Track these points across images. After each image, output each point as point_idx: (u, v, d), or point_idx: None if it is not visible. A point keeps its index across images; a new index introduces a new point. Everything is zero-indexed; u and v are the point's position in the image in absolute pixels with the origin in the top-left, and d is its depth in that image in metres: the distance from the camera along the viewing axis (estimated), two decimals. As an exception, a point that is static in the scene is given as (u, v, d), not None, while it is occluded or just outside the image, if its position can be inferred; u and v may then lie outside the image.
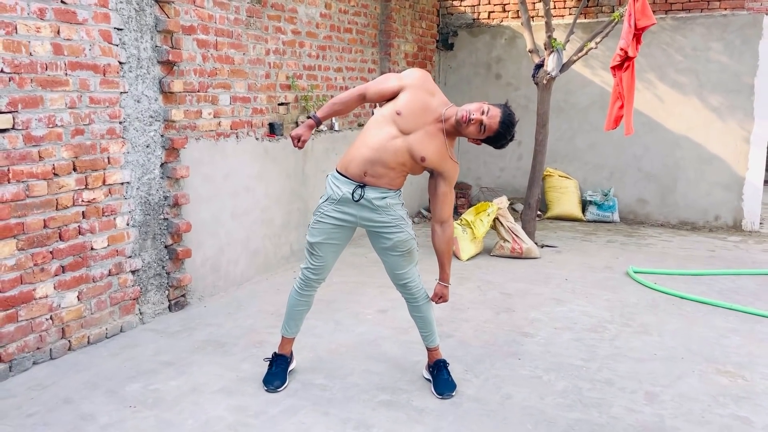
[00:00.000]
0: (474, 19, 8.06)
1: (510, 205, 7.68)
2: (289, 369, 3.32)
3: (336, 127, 6.05)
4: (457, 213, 7.68)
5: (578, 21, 7.27)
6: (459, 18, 8.13)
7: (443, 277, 3.17)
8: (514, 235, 5.74)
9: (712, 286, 4.96)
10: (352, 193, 2.97)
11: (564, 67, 5.84)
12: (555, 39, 5.75)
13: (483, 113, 2.85)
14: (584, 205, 7.59)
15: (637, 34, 4.80)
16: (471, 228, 5.71)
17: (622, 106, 5.03)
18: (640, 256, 5.94)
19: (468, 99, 7.94)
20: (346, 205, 3.00)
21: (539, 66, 5.92)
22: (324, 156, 5.80)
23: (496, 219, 5.81)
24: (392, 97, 2.98)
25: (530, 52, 6.05)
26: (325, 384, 3.28)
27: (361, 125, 6.59)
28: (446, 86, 8.17)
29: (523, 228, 6.15)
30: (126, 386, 3.22)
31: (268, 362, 3.31)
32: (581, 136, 7.62)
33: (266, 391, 3.17)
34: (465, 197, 8.06)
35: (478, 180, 8.23)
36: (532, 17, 7.35)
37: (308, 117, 3.16)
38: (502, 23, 7.93)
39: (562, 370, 3.48)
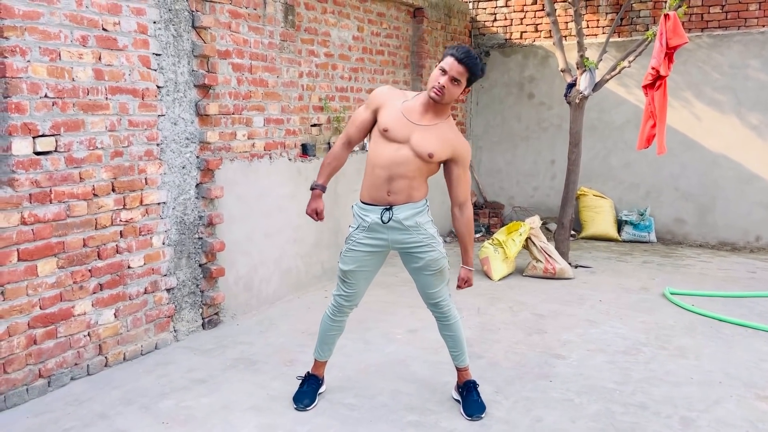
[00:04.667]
0: (506, 40, 8.09)
1: (543, 224, 7.64)
2: (320, 391, 3.34)
3: (367, 147, 6.10)
4: (489, 232, 7.66)
5: (611, 40, 7.24)
6: (491, 38, 8.16)
7: (466, 260, 3.16)
8: (546, 255, 5.68)
9: (753, 309, 4.83)
10: (381, 216, 3.00)
11: (597, 87, 5.81)
12: (587, 58, 5.74)
13: (444, 73, 2.86)
14: (620, 224, 7.48)
15: (669, 53, 4.76)
16: (503, 248, 5.68)
17: (654, 125, 4.98)
18: (678, 277, 5.82)
19: (501, 119, 7.98)
20: (378, 231, 3.03)
21: (572, 85, 5.90)
22: (356, 175, 5.85)
23: (528, 239, 5.77)
24: (372, 125, 3.05)
25: (562, 71, 6.03)
26: (354, 403, 3.29)
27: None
28: (478, 106, 8.19)
29: (557, 248, 6.10)
30: (159, 402, 3.28)
31: (300, 380, 3.33)
32: (616, 154, 7.54)
33: (295, 409, 3.20)
34: (498, 216, 8.03)
35: (511, 199, 8.19)
36: (565, 37, 7.33)
37: (311, 189, 3.20)
38: (534, 43, 7.93)
39: (594, 393, 3.43)
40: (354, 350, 4.01)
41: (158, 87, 3.87)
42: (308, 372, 3.34)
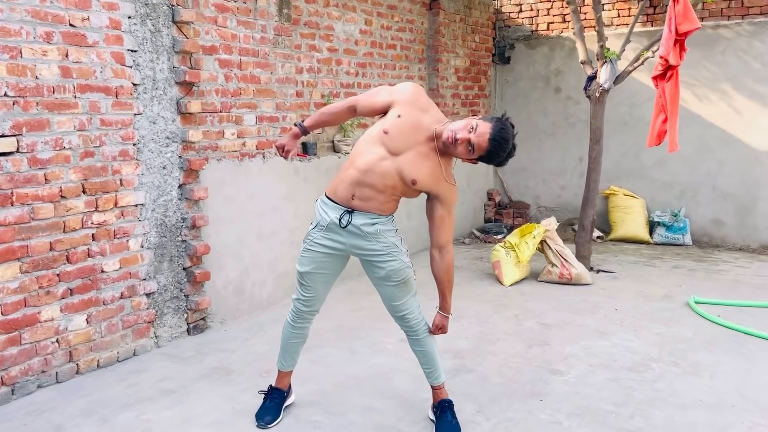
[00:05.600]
0: (532, 31, 7.71)
1: (571, 226, 7.25)
2: (287, 404, 3.14)
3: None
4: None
5: (642, 29, 6.80)
6: (516, 30, 7.79)
7: (443, 306, 2.92)
8: (562, 260, 5.33)
9: (786, 321, 4.39)
10: (339, 219, 2.76)
11: (618, 79, 5.42)
12: (608, 49, 5.35)
13: (470, 131, 2.58)
14: (652, 226, 7.03)
15: (680, 40, 4.34)
16: (515, 251, 5.36)
17: (665, 120, 4.57)
18: (708, 284, 5.38)
19: (525, 115, 7.62)
20: (335, 232, 2.80)
21: (591, 78, 5.52)
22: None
23: (543, 242, 5.43)
24: (383, 112, 2.76)
25: (582, 63, 5.66)
26: (320, 421, 3.07)
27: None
28: (503, 101, 7.84)
29: (577, 251, 5.74)
30: (120, 415, 3.13)
31: (263, 395, 3.13)
32: (648, 151, 7.06)
33: (257, 426, 3.00)
34: (523, 217, 7.68)
35: (537, 199, 7.82)
36: (593, 27, 6.91)
37: (294, 125, 2.98)
38: (561, 34, 7.53)
39: (587, 415, 3.11)
40: (337, 361, 3.79)
41: (134, 84, 3.73)
42: (271, 385, 3.14)
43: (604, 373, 3.60)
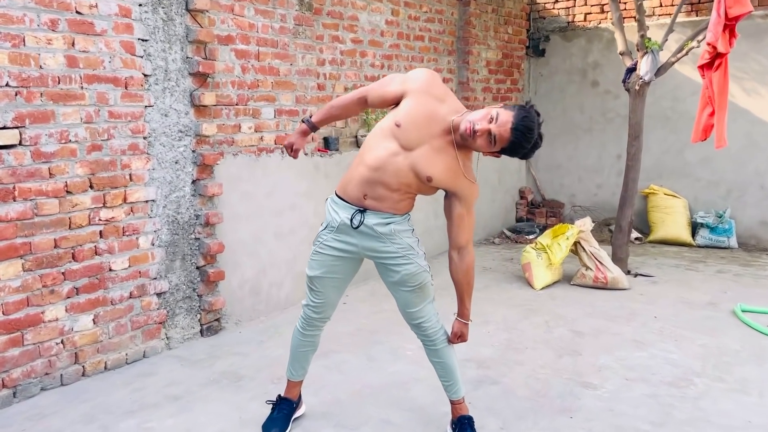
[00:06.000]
0: (569, 22, 7.37)
1: (608, 226, 6.92)
2: (296, 415, 2.94)
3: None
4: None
5: (686, 19, 6.42)
6: (552, 21, 7.47)
7: (462, 312, 2.68)
8: (597, 262, 5.03)
9: (844, 333, 4.03)
10: (351, 219, 2.55)
11: (660, 71, 5.08)
12: (649, 39, 5.02)
13: (491, 121, 2.33)
14: (694, 227, 6.65)
15: (730, 26, 3.99)
16: (547, 253, 5.07)
17: (712, 113, 4.22)
18: (756, 291, 5.01)
19: (561, 109, 7.30)
20: (347, 234, 2.59)
21: (631, 70, 5.20)
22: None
23: (577, 243, 5.13)
24: (395, 103, 2.53)
25: (621, 54, 5.34)
26: (331, 435, 2.86)
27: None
28: (537, 95, 7.53)
29: (613, 253, 5.43)
30: (121, 422, 2.97)
31: (271, 405, 2.94)
32: (692, 148, 6.67)
33: (263, 439, 2.81)
34: (556, 216, 7.37)
35: (572, 198, 7.49)
36: (626, 17, 6.56)
37: (301, 121, 2.78)
38: (600, 25, 7.18)
39: (622, 435, 2.84)
40: (353, 368, 3.58)
41: (145, 75, 3.57)
42: (279, 395, 2.94)
43: (641, 387, 3.32)
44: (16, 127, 3.05)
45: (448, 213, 2.56)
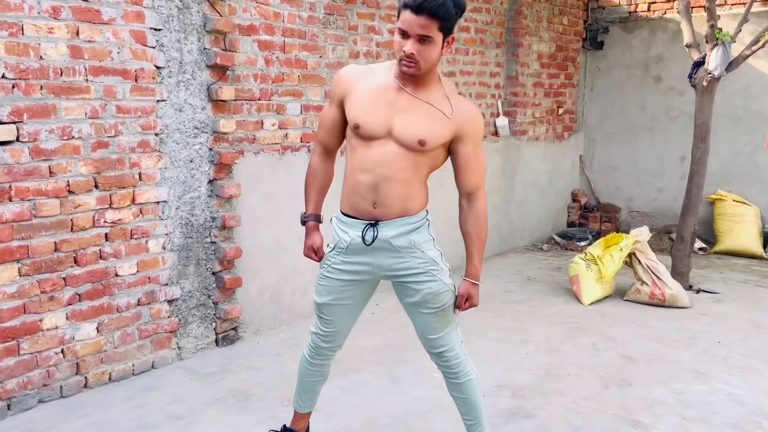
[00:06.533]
0: (630, 12, 6.82)
1: (668, 234, 6.37)
2: (302, 450, 2.64)
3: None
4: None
5: (757, 9, 5.81)
6: (612, 12, 6.92)
7: (471, 271, 2.31)
8: (654, 277, 4.55)
9: None
10: (363, 235, 2.22)
11: (732, 65, 4.55)
12: (720, 29, 4.50)
13: (405, 34, 2.04)
14: (766, 238, 6.03)
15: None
16: (597, 264, 4.62)
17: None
18: (838, 313, 4.44)
19: (619, 107, 6.79)
20: (359, 253, 2.27)
21: (699, 64, 4.68)
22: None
23: (632, 255, 4.66)
24: (345, 122, 2.29)
25: (688, 47, 4.82)
26: (337, 473, 2.55)
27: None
28: (593, 91, 7.01)
29: (674, 266, 4.93)
30: (114, 444, 2.74)
31: (275, 436, 2.65)
32: (766, 152, 6.06)
33: (261, 473, 2.52)
34: (612, 222, 6.85)
35: (629, 202, 6.95)
36: (694, 7, 5.99)
37: (303, 222, 2.48)
38: (665, 15, 6.61)
39: (675, 491, 2.43)
40: (372, 390, 3.25)
41: (157, 67, 3.33)
42: (285, 426, 2.65)
43: (699, 429, 2.88)
44: (13, 122, 2.85)
45: (453, 160, 2.26)
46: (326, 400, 3.09)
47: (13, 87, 2.83)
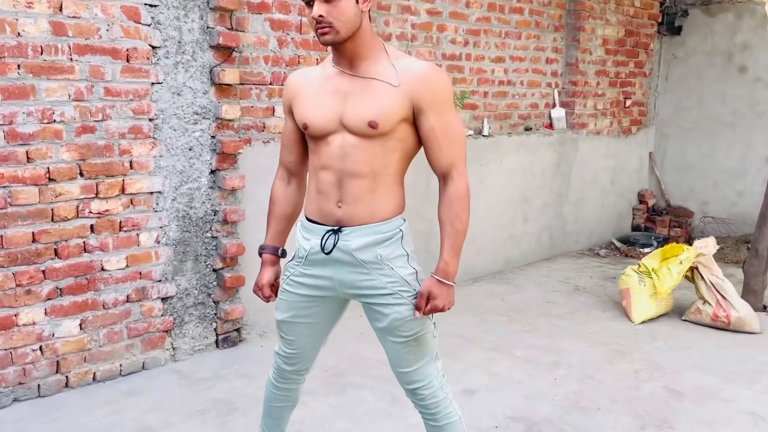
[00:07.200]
0: (714, -6, 6.09)
1: (746, 243, 5.66)
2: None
3: (485, 131, 4.81)
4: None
5: None
6: (693, -7, 6.20)
7: (439, 266, 1.86)
8: (719, 296, 3.95)
9: None
10: (322, 243, 1.87)
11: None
12: (813, 9, 3.82)
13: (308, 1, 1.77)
14: None
15: None
16: (652, 278, 4.07)
17: None
18: None
19: (697, 99, 6.14)
20: (318, 265, 1.92)
21: (785, 50, 4.01)
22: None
23: (695, 269, 4.07)
24: (299, 127, 1.95)
25: (774, 30, 4.15)
26: None
27: (522, 119, 5.24)
28: (668, 81, 6.32)
29: (745, 284, 4.31)
30: (73, 456, 2.52)
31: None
32: None
33: (214, 508, 2.22)
34: (682, 227, 6.18)
35: (704, 206, 6.24)
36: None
37: (259, 253, 2.13)
38: (754, -3, 5.85)
39: None
40: (369, 412, 2.90)
41: (152, 47, 3.07)
42: (247, 454, 2.34)
43: (749, 494, 2.37)
44: (-14, 104, 2.66)
45: (421, 138, 1.87)
46: (315, 420, 2.79)
47: (-13, 65, 2.64)
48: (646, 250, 5.78)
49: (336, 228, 1.87)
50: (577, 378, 3.28)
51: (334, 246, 1.86)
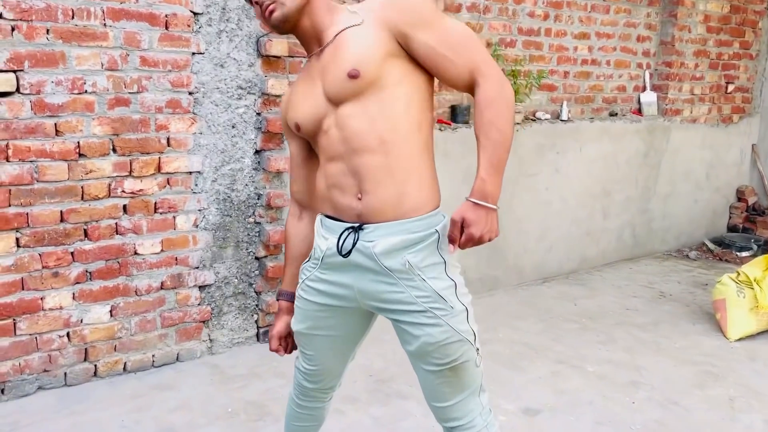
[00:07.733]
0: (840, -36, 5.32)
1: None
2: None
3: (564, 116, 4.34)
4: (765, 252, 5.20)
5: None
6: (814, -37, 5.44)
7: (476, 185, 1.43)
8: (836, 314, 3.37)
9: None
10: (339, 243, 1.54)
11: None
12: None
13: None
14: None
15: None
16: (753, 289, 3.52)
17: None
18: None
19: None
20: (336, 269, 1.59)
21: None
22: (535, 155, 4.18)
23: (806, 280, 3.50)
24: (309, 144, 1.68)
25: None
26: None
27: (607, 103, 4.72)
28: (778, 65, 5.60)
29: None
30: (87, 457, 2.32)
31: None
32: None
33: None
34: (785, 229, 5.48)
35: (815, 207, 5.52)
36: None
37: (277, 299, 1.84)
38: None
39: None
40: (413, 428, 2.57)
41: (194, 13, 2.82)
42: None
43: None
44: (12, 71, 2.47)
45: (426, 61, 1.49)
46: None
47: (13, 30, 2.45)
48: (744, 254, 5.16)
49: (356, 225, 1.53)
50: (659, 403, 2.82)
51: (353, 247, 1.52)
